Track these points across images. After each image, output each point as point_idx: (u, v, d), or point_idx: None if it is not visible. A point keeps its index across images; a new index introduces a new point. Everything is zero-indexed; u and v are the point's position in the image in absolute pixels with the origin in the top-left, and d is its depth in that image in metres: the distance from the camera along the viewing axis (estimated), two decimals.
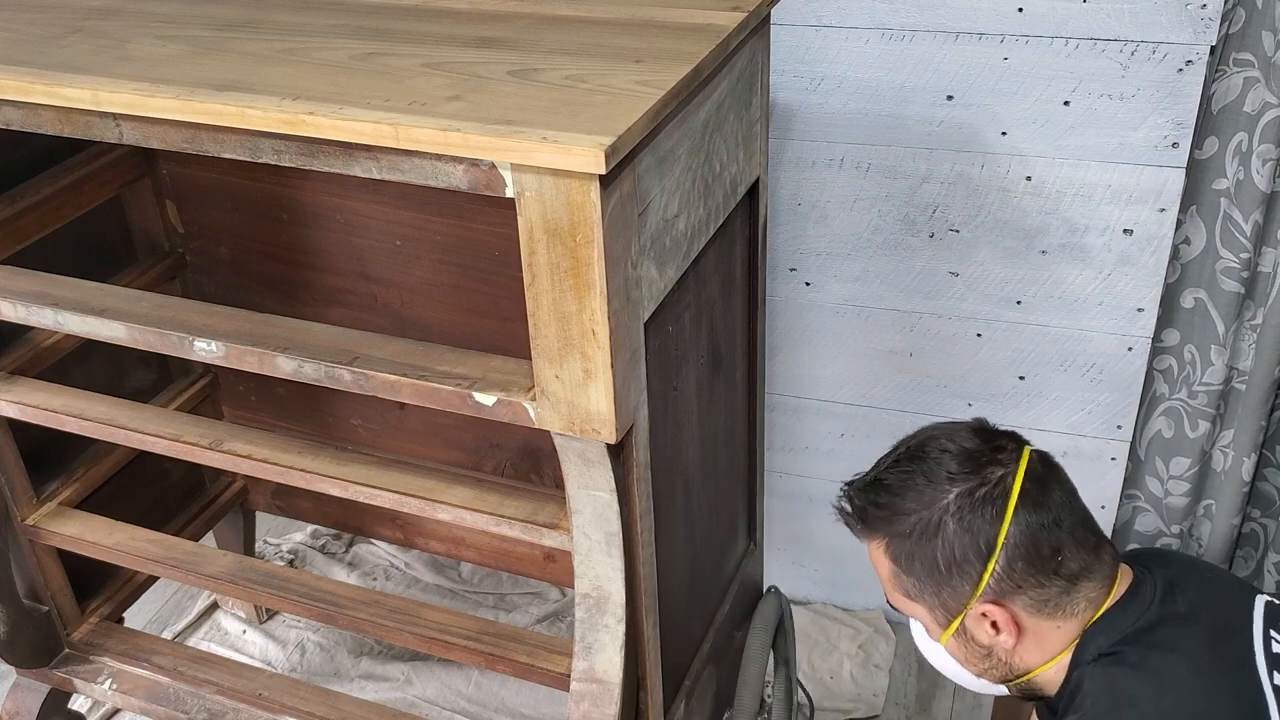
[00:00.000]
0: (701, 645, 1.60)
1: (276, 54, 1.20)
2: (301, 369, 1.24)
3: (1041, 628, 1.15)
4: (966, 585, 1.13)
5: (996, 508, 1.11)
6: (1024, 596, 1.13)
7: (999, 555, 1.11)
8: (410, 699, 2.12)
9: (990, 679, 1.22)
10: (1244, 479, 1.91)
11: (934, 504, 1.14)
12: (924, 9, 1.67)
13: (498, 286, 1.70)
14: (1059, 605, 1.13)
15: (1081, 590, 1.13)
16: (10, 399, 1.53)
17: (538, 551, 1.96)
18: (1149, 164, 1.68)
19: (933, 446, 1.17)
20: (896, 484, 1.17)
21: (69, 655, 1.77)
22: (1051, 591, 1.12)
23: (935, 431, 1.20)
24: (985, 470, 1.13)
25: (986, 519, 1.11)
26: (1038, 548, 1.11)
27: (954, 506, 1.13)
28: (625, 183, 1.03)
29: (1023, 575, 1.12)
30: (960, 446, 1.16)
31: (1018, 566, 1.11)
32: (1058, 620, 1.14)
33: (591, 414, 1.11)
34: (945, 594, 1.15)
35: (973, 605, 1.14)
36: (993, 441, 1.17)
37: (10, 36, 1.28)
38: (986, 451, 1.15)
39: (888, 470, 1.20)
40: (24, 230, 1.57)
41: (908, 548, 1.16)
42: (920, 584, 1.17)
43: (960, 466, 1.14)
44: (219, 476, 2.11)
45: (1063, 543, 1.12)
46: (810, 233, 1.91)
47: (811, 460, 2.14)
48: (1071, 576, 1.12)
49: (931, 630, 1.21)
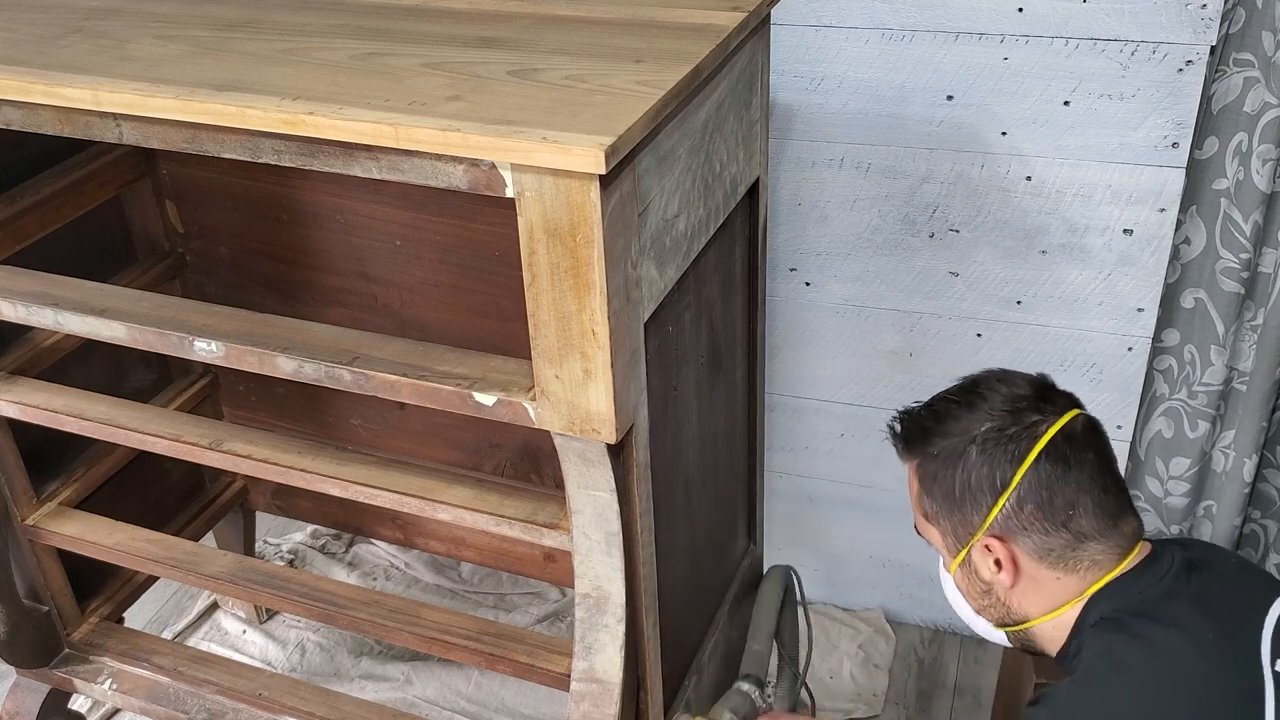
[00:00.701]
0: (701, 645, 1.60)
1: (276, 54, 1.20)
2: (301, 369, 1.24)
3: (1040, 575, 1.16)
4: (976, 516, 1.16)
5: (1020, 448, 1.14)
6: (1028, 539, 1.15)
7: (1011, 493, 1.14)
8: (410, 699, 2.12)
9: (988, 618, 1.24)
10: (1245, 480, 1.91)
11: (965, 433, 1.17)
12: (924, 9, 1.67)
13: (498, 286, 1.70)
14: (1061, 557, 1.15)
15: (1088, 549, 1.14)
16: (10, 399, 1.53)
17: (538, 551, 1.96)
18: (1149, 164, 1.68)
19: (986, 384, 1.20)
20: (941, 410, 1.21)
21: (69, 655, 1.77)
22: (1055, 542, 1.14)
23: (996, 372, 1.22)
24: (1024, 415, 1.16)
25: (1007, 457, 1.14)
26: (1051, 498, 1.13)
27: (982, 438, 1.16)
28: (625, 183, 1.03)
29: (1030, 518, 1.14)
30: (1011, 390, 1.19)
31: (1027, 508, 1.13)
32: (1058, 571, 1.15)
33: (591, 414, 1.11)
34: (957, 521, 1.18)
35: (979, 536, 1.17)
36: (1044, 394, 1.19)
37: (10, 36, 1.29)
38: (1033, 400, 1.18)
39: (939, 397, 1.23)
40: (24, 230, 1.57)
41: (933, 469, 1.20)
42: (938, 507, 1.20)
43: (1003, 405, 1.17)
44: (219, 476, 2.11)
45: (1079, 502, 1.13)
46: (810, 233, 1.91)
47: (811, 460, 2.14)
48: (1080, 534, 1.14)
49: (944, 559, 1.25)
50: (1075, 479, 1.13)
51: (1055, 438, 1.14)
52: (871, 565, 2.22)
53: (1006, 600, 1.20)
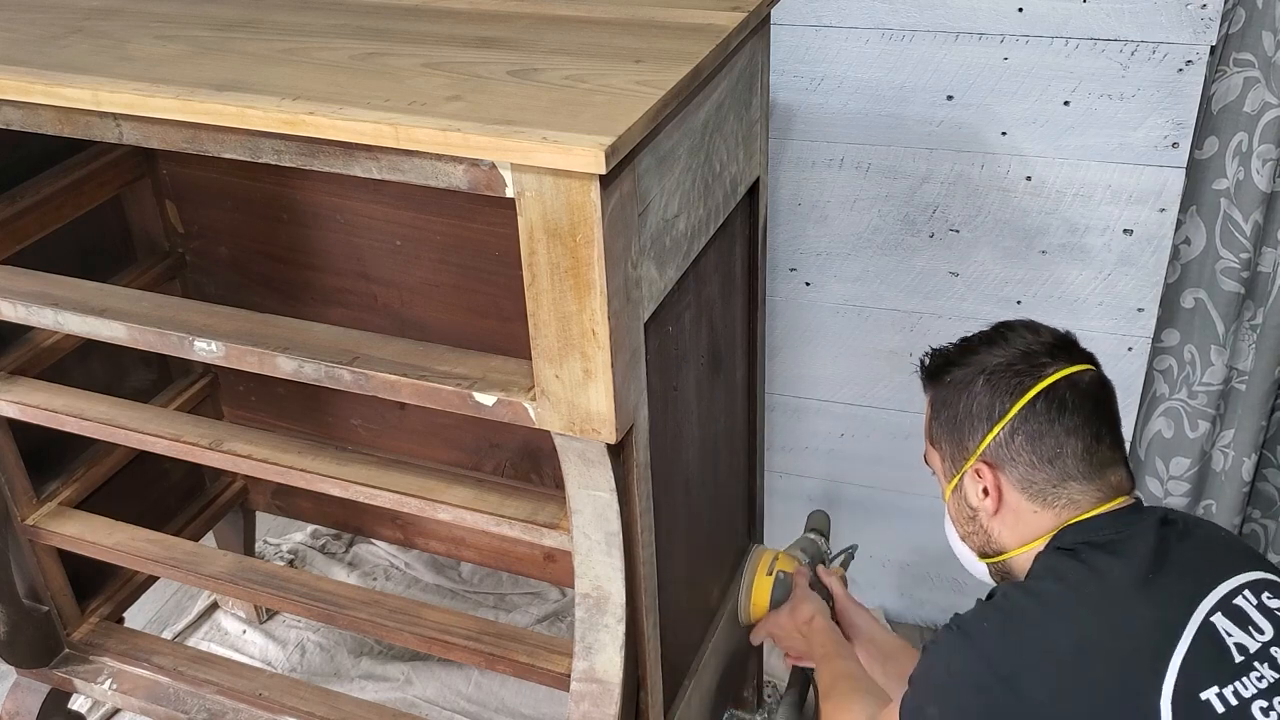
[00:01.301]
0: (702, 645, 1.60)
1: (276, 54, 1.20)
2: (301, 369, 1.24)
3: (1021, 507, 1.21)
4: (971, 442, 1.22)
5: (1023, 384, 1.19)
6: (1015, 470, 1.20)
7: (1006, 423, 1.19)
8: (410, 699, 2.12)
9: (970, 545, 1.29)
10: (1244, 479, 1.91)
11: (979, 365, 1.23)
12: (924, 9, 1.67)
13: (498, 286, 1.70)
14: (1042, 492, 1.19)
15: (1068, 489, 1.18)
16: (10, 399, 1.53)
17: (538, 551, 1.96)
18: (1149, 164, 1.68)
19: (1012, 328, 1.26)
20: (965, 346, 1.27)
21: (69, 655, 1.77)
22: (1039, 476, 1.19)
23: (1026, 321, 1.28)
24: (1037, 357, 1.21)
25: (1008, 390, 1.20)
26: (1041, 434, 1.18)
27: (990, 370, 1.22)
28: (625, 183, 1.03)
29: (1018, 450, 1.19)
30: (1034, 336, 1.24)
31: (1017, 439, 1.19)
32: (1036, 505, 1.20)
33: (591, 414, 1.11)
34: (955, 445, 1.25)
35: (972, 462, 1.22)
36: (1064, 346, 1.24)
37: (10, 36, 1.29)
38: (1050, 348, 1.22)
39: (968, 336, 1.29)
40: (24, 230, 1.57)
41: (944, 395, 1.26)
42: (942, 430, 1.26)
43: (1021, 347, 1.22)
44: (219, 476, 2.11)
45: (1066, 444, 1.18)
46: (810, 233, 1.91)
47: (811, 460, 2.14)
48: (1064, 473, 1.18)
49: (942, 486, 1.30)
50: (1069, 422, 1.17)
51: (1058, 382, 1.19)
52: (871, 565, 2.22)
53: (988, 528, 1.25)
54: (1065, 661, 1.06)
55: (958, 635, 1.14)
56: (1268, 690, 1.03)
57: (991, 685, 1.08)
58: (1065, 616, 1.10)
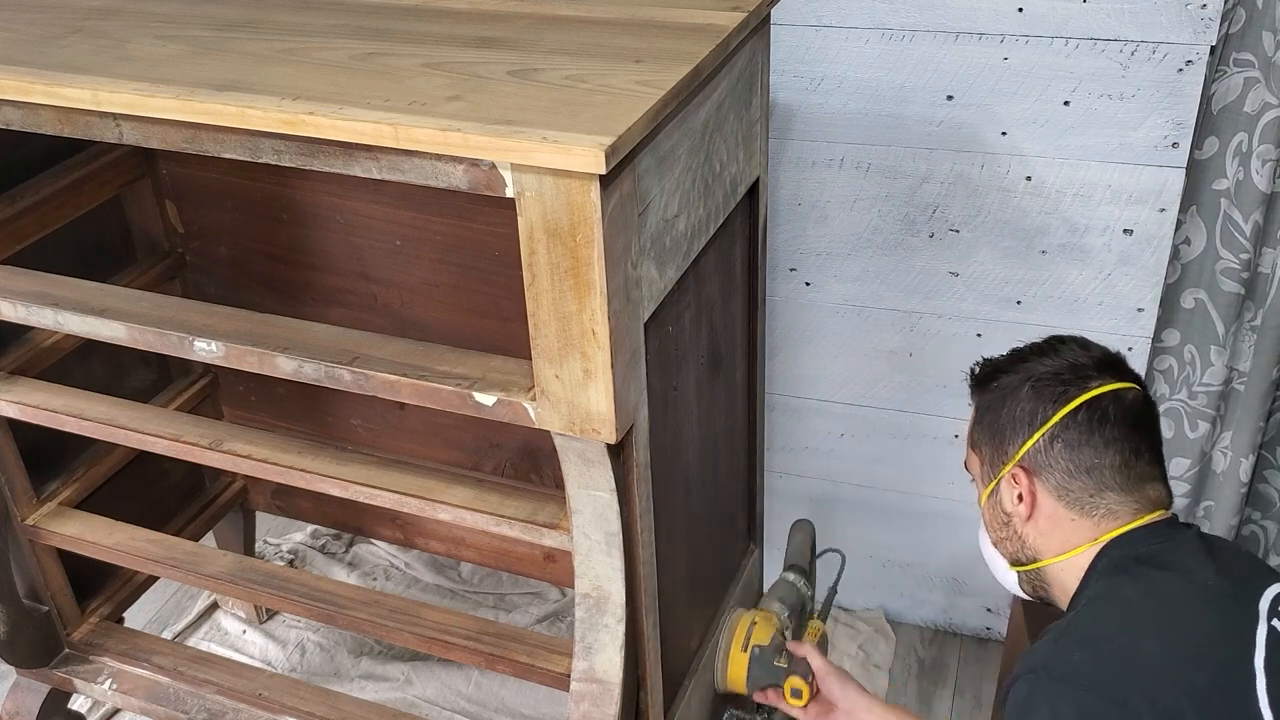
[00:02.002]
0: (702, 645, 1.60)
1: (276, 54, 1.20)
2: (301, 369, 1.24)
3: (1058, 514, 1.21)
4: (1011, 446, 1.23)
5: (1067, 394, 1.21)
6: (1052, 477, 1.21)
7: (1046, 430, 1.20)
8: (410, 699, 2.12)
9: (1003, 552, 1.29)
10: (1242, 480, 1.91)
11: (1026, 373, 1.25)
12: (924, 9, 1.67)
13: (498, 286, 1.70)
14: (1079, 500, 1.20)
15: (1105, 498, 1.19)
16: (10, 399, 1.53)
17: (538, 551, 1.96)
18: (1149, 164, 1.68)
19: (1065, 342, 1.28)
20: (1017, 356, 1.29)
21: (69, 655, 1.77)
22: (1075, 484, 1.19)
23: (1079, 338, 1.29)
24: (1084, 370, 1.23)
25: (1052, 398, 1.21)
26: (1081, 445, 1.19)
27: (1037, 378, 1.23)
28: (625, 183, 1.03)
29: (1057, 457, 1.20)
30: (1084, 352, 1.26)
31: (1056, 446, 1.20)
32: (1073, 513, 1.20)
33: (591, 414, 1.11)
34: (995, 448, 1.26)
35: (1010, 467, 1.23)
36: (1112, 364, 1.25)
37: (10, 36, 1.29)
38: (1099, 364, 1.24)
39: (1021, 346, 1.31)
40: (24, 230, 1.57)
41: (989, 400, 1.28)
42: (983, 435, 1.28)
43: (1070, 359, 1.24)
44: (219, 476, 2.11)
45: (1106, 454, 1.19)
46: (810, 233, 1.91)
47: (811, 460, 2.14)
48: (1101, 483, 1.19)
49: (979, 490, 1.31)
50: (1109, 434, 1.18)
51: (1103, 395, 1.20)
52: (872, 565, 2.22)
53: (1022, 534, 1.25)
54: (1166, 673, 1.05)
55: (1048, 681, 1.10)
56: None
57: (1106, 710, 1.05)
58: (1149, 630, 1.09)
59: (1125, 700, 1.04)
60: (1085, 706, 1.05)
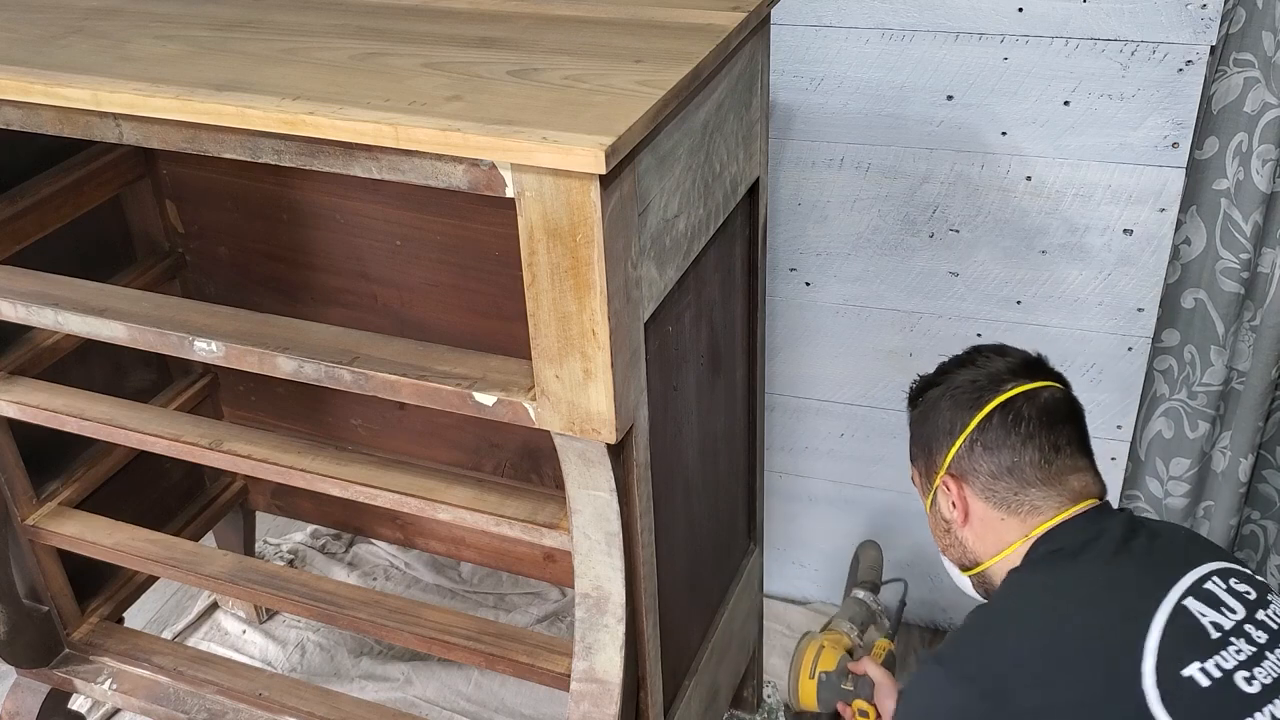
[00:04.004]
0: (701, 645, 1.60)
1: (276, 54, 1.20)
2: (301, 369, 1.24)
3: (988, 516, 1.25)
4: (939, 457, 1.28)
5: (981, 399, 1.26)
6: (977, 480, 1.25)
7: (966, 436, 1.25)
8: (410, 699, 2.12)
9: (950, 558, 1.34)
10: (1241, 479, 1.91)
11: (948, 385, 1.30)
12: (924, 9, 1.67)
13: (498, 286, 1.70)
14: (1005, 500, 1.24)
15: (1030, 494, 1.22)
16: (10, 399, 1.53)
17: (538, 551, 1.96)
18: (1149, 164, 1.68)
19: (982, 352, 1.33)
20: (940, 370, 1.34)
21: (69, 655, 1.77)
22: (999, 485, 1.24)
23: (996, 345, 1.34)
24: (999, 376, 1.27)
25: (968, 405, 1.26)
26: (999, 446, 1.23)
27: (955, 390, 1.29)
28: (625, 183, 1.03)
29: (978, 460, 1.24)
30: (1001, 359, 1.30)
31: (976, 449, 1.24)
32: (1001, 512, 1.24)
33: (591, 414, 1.11)
34: (927, 461, 1.31)
35: (941, 476, 1.28)
36: (1030, 366, 1.29)
37: (10, 36, 1.29)
38: (1016, 368, 1.28)
39: (948, 360, 1.35)
40: (24, 230, 1.57)
41: (918, 415, 1.33)
42: (917, 449, 1.33)
43: (988, 368, 1.29)
44: (219, 476, 2.11)
45: (1023, 454, 1.22)
46: (810, 233, 1.91)
47: (811, 460, 2.14)
48: (1023, 481, 1.23)
49: (923, 501, 1.35)
50: (1025, 432, 1.22)
51: (1016, 397, 1.24)
52: None
53: (961, 539, 1.29)
54: (1046, 662, 1.08)
55: (933, 665, 1.16)
56: (1248, 661, 1.06)
57: (974, 704, 1.09)
58: (1036, 621, 1.13)
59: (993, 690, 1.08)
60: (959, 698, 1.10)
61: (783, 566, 2.28)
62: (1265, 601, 1.13)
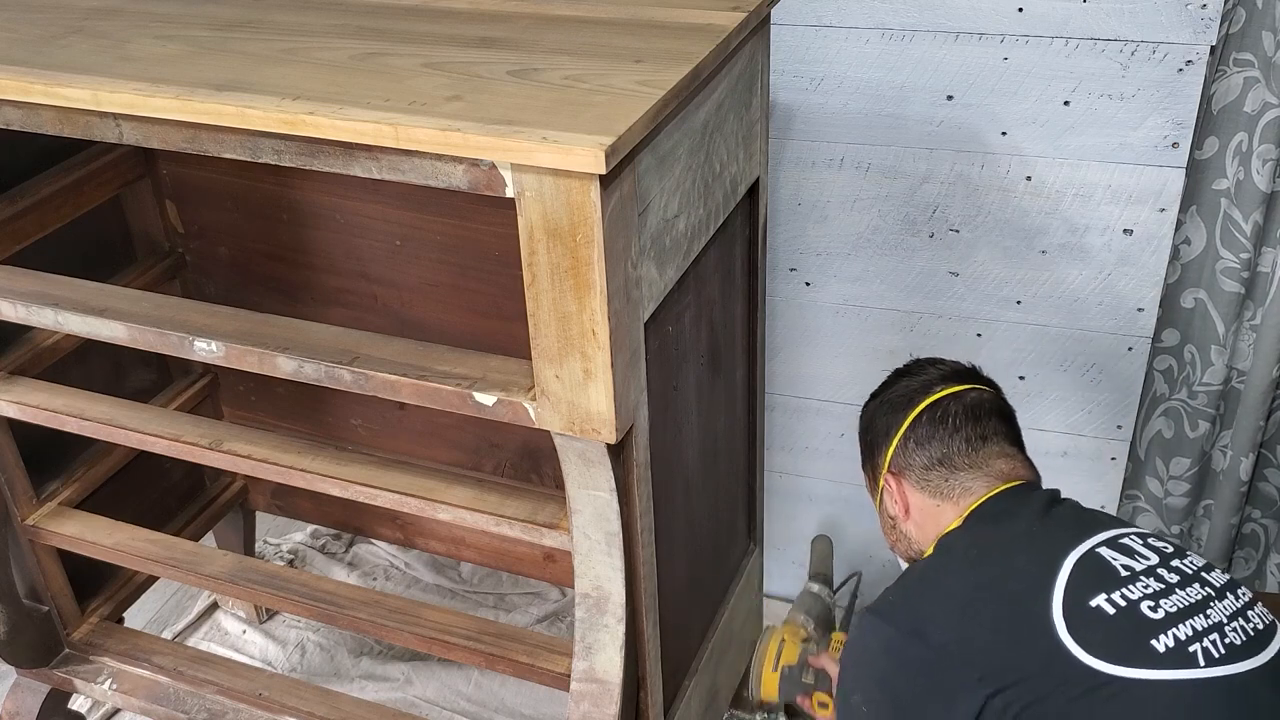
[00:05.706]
0: (701, 645, 1.60)
1: (276, 54, 1.20)
2: (301, 369, 1.24)
3: (925, 505, 1.35)
4: (880, 459, 1.40)
5: (912, 403, 1.38)
6: (913, 474, 1.36)
7: (900, 436, 1.37)
8: (410, 699, 2.12)
9: (899, 553, 1.43)
10: (1241, 479, 1.91)
11: (884, 397, 1.42)
12: (924, 9, 1.67)
13: (498, 286, 1.70)
14: (939, 487, 1.33)
15: (960, 478, 1.32)
16: (10, 399, 1.53)
17: (538, 551, 1.96)
18: (1149, 164, 1.69)
19: (918, 363, 1.45)
20: (884, 383, 1.46)
21: (69, 655, 1.77)
22: (933, 475, 1.34)
23: (936, 357, 1.47)
24: (930, 384, 1.39)
25: (900, 409, 1.38)
26: (929, 440, 1.35)
27: (891, 397, 1.41)
28: (625, 183, 1.03)
29: (913, 455, 1.35)
30: (934, 368, 1.42)
31: (910, 446, 1.36)
32: (937, 500, 1.34)
33: (591, 414, 1.11)
34: (871, 465, 1.42)
35: (883, 476, 1.39)
36: (960, 374, 1.41)
37: (10, 36, 1.29)
38: (946, 375, 1.40)
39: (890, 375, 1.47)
40: (24, 230, 1.57)
41: (861, 425, 1.46)
42: (863, 455, 1.45)
43: (921, 376, 1.41)
44: (219, 476, 2.11)
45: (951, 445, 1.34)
46: (810, 233, 1.91)
47: (811, 460, 2.14)
48: (952, 468, 1.33)
49: (874, 503, 1.46)
50: (952, 425, 1.34)
51: (943, 398, 1.36)
52: (872, 565, 2.22)
53: (906, 533, 1.39)
54: (963, 604, 1.18)
55: (865, 615, 1.25)
56: (1154, 594, 1.14)
57: (899, 643, 1.19)
58: (958, 569, 1.24)
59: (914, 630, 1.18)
60: (888, 637, 1.21)
61: (783, 566, 2.28)
62: (1183, 554, 1.21)
